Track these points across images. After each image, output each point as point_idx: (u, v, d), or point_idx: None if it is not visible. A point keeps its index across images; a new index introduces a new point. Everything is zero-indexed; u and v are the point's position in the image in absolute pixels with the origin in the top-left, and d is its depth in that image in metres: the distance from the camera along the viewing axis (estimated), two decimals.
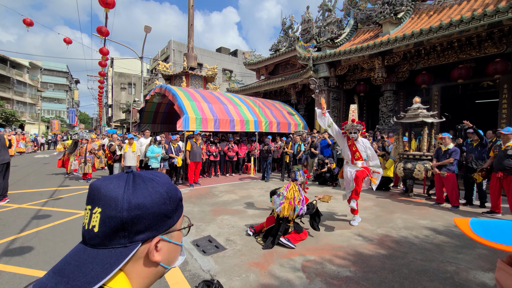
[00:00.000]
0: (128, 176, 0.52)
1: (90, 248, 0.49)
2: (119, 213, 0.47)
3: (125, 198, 0.48)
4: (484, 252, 3.48)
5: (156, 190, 0.52)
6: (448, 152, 5.65)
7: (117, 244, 0.49)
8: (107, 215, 0.47)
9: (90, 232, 0.49)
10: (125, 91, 35.13)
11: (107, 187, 0.49)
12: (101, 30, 6.70)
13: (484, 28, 7.54)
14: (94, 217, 0.48)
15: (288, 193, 3.78)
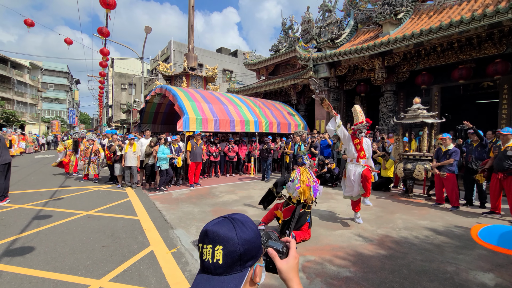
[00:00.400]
0: (231, 221, 0.69)
1: (216, 276, 0.65)
2: (237, 248, 0.65)
3: (238, 237, 0.66)
4: (484, 252, 3.49)
5: (252, 229, 0.70)
6: (448, 152, 5.66)
7: (235, 270, 0.66)
8: (228, 250, 0.64)
9: (215, 264, 0.65)
10: (125, 91, 35.16)
11: (223, 231, 0.66)
12: (102, 31, 6.72)
13: (484, 28, 7.55)
14: (217, 253, 0.64)
15: (302, 176, 3.84)
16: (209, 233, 0.66)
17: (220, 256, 0.64)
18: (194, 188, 7.71)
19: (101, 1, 5.15)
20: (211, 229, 0.66)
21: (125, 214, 5.16)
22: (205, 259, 0.65)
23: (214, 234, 0.66)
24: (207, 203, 6.02)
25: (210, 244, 0.65)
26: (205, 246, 0.66)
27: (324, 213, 5.28)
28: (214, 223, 0.69)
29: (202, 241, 0.67)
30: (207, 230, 0.67)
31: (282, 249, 0.77)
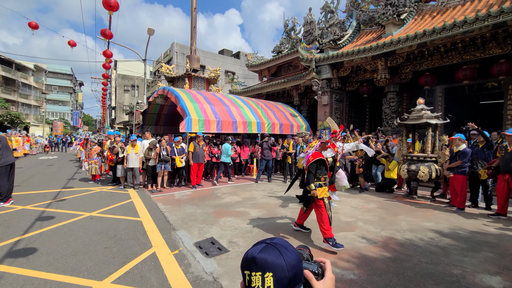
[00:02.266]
0: (275, 246, 0.70)
1: None
2: (287, 274, 0.66)
3: (287, 263, 0.67)
4: (490, 255, 3.43)
5: (295, 253, 0.71)
6: (458, 154, 5.59)
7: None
8: (279, 277, 0.66)
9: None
10: (128, 93, 35.34)
11: (271, 257, 0.67)
12: (105, 33, 6.76)
13: (488, 29, 7.48)
14: (267, 280, 0.65)
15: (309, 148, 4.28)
16: (258, 261, 0.67)
17: (271, 283, 0.65)
18: (197, 189, 7.70)
19: (104, 3, 5.18)
20: (259, 257, 0.67)
21: (128, 215, 5.16)
22: (254, 286, 0.66)
23: (263, 261, 0.66)
24: (210, 204, 6.00)
25: (259, 271, 0.66)
26: (253, 274, 0.67)
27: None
28: (259, 250, 0.69)
29: (249, 268, 0.68)
30: (255, 257, 0.67)
31: (317, 270, 0.76)
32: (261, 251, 0.68)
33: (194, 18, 15.27)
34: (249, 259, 0.68)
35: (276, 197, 6.74)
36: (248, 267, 0.68)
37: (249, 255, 0.69)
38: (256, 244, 0.73)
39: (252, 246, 0.73)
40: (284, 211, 5.44)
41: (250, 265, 0.67)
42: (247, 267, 0.68)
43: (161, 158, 7.40)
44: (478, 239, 3.96)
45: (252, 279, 0.66)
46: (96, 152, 8.35)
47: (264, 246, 0.70)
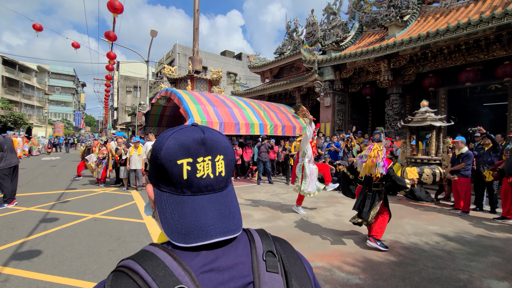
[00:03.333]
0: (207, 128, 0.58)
1: (220, 192, 0.56)
2: (233, 156, 0.58)
3: (230, 144, 0.58)
4: (497, 260, 3.40)
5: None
6: (461, 156, 5.56)
7: (230, 181, 0.60)
8: (229, 160, 0.56)
9: (218, 178, 0.55)
10: (130, 94, 35.48)
11: (221, 138, 0.57)
12: (109, 35, 6.78)
13: (492, 30, 7.46)
14: (218, 165, 0.54)
15: (372, 152, 3.73)
16: (207, 142, 0.54)
17: (222, 167, 0.55)
18: None
19: (108, 6, 5.20)
20: (208, 137, 0.54)
21: (131, 217, 5.16)
22: (202, 176, 0.53)
23: (213, 142, 0.54)
24: None
25: (208, 155, 0.54)
26: (199, 160, 0.53)
27: (331, 218, 5.21)
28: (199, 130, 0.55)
29: (193, 154, 0.52)
30: (204, 138, 0.53)
31: None
32: (206, 132, 0.55)
33: (196, 20, 15.30)
34: (193, 142, 0.53)
35: (278, 199, 6.72)
36: (188, 153, 0.52)
37: (190, 138, 0.53)
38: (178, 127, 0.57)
39: (167, 130, 0.57)
40: (287, 214, 5.42)
41: (196, 149, 0.52)
42: (188, 153, 0.52)
43: None
44: (484, 243, 3.93)
45: (197, 166, 0.52)
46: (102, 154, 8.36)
47: (199, 126, 0.57)
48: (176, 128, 0.56)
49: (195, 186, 0.53)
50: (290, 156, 8.97)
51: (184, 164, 0.51)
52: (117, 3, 5.16)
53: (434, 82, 9.71)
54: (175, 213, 0.51)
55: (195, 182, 0.52)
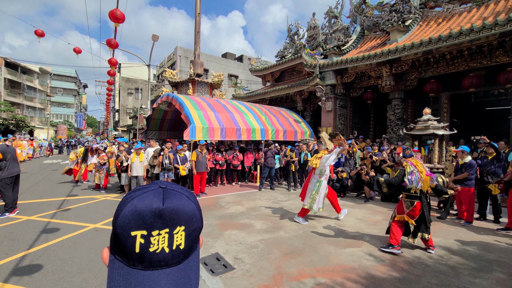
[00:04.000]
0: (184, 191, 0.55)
1: (175, 266, 0.51)
2: (200, 223, 0.55)
3: (198, 208, 0.55)
4: (502, 276, 3.36)
5: (191, 191, 0.59)
6: (464, 166, 5.52)
7: (193, 249, 0.55)
8: (192, 230, 0.52)
9: (175, 252, 0.51)
10: (132, 96, 35.54)
11: (182, 206, 0.52)
12: (111, 42, 6.79)
13: (495, 37, 7.41)
14: (177, 237, 0.51)
15: (419, 167, 3.97)
16: (166, 213, 0.49)
17: (182, 239, 0.50)
18: (200, 198, 7.67)
19: (110, 16, 5.19)
20: (168, 207, 0.50)
21: None
22: (155, 251, 0.49)
23: (173, 213, 0.50)
24: (214, 215, 5.97)
25: (166, 227, 0.49)
26: (154, 233, 0.48)
27: (332, 228, 5.18)
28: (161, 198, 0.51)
29: (148, 226, 0.48)
30: (161, 210, 0.49)
31: None
32: (167, 200, 0.50)
33: (198, 23, 15.31)
34: (149, 214, 0.48)
35: (280, 207, 6.69)
36: (143, 225, 0.48)
37: (147, 208, 0.48)
38: (142, 190, 0.52)
39: (132, 191, 0.53)
40: (288, 224, 5.39)
41: (151, 221, 0.48)
42: (143, 225, 0.48)
43: (163, 167, 7.40)
44: (489, 258, 3.89)
45: (151, 240, 0.48)
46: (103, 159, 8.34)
47: (163, 191, 0.52)
48: (140, 191, 0.53)
49: (147, 261, 0.49)
50: (291, 162, 8.94)
51: (137, 237, 0.48)
52: (119, 13, 5.16)
53: (436, 88, 9.65)
54: (121, 285, 0.48)
55: (147, 256, 0.49)
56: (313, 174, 5.64)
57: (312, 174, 5.68)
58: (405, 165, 4.13)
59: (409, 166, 4.06)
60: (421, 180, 3.90)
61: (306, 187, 5.69)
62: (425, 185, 3.92)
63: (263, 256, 3.90)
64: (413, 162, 4.09)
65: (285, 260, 3.77)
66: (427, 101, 10.80)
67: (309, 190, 5.52)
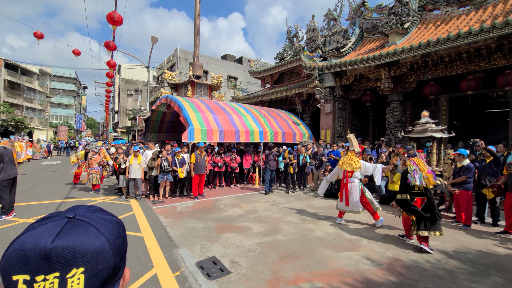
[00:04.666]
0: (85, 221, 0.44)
1: None
2: (111, 261, 0.44)
3: (111, 243, 0.44)
4: (499, 280, 3.34)
5: (115, 221, 0.49)
6: (462, 169, 5.51)
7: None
8: (98, 270, 0.42)
9: None
10: (131, 97, 35.55)
11: (86, 242, 0.42)
12: (109, 45, 6.79)
13: (493, 40, 7.42)
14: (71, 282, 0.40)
15: (421, 166, 4.23)
16: (54, 254, 0.40)
17: (81, 283, 0.41)
18: (199, 200, 7.65)
19: (108, 18, 5.20)
20: (59, 246, 0.41)
21: (129, 230, 5.12)
22: None
23: (67, 252, 0.41)
24: (212, 218, 5.96)
25: (54, 271, 0.40)
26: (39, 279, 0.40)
27: (330, 231, 5.16)
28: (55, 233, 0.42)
29: (34, 270, 0.40)
30: (48, 250, 0.40)
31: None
32: (61, 236, 0.42)
33: (197, 25, 15.34)
34: (33, 254, 0.40)
35: (278, 210, 6.68)
36: (26, 268, 0.40)
37: (33, 247, 0.40)
38: (42, 221, 0.44)
39: (36, 221, 0.45)
40: (286, 227, 5.38)
41: (36, 264, 0.40)
42: (26, 268, 0.40)
43: (162, 169, 7.38)
44: (486, 262, 3.88)
45: (34, 287, 0.39)
46: (97, 161, 8.30)
47: (66, 223, 0.44)
48: (39, 222, 0.45)
49: None
50: (290, 164, 8.93)
51: (19, 282, 0.39)
52: (117, 16, 5.15)
53: (435, 90, 9.66)
54: None
55: None
56: (350, 177, 5.60)
57: (349, 177, 5.61)
58: (408, 164, 4.34)
59: (411, 165, 4.29)
60: (424, 178, 4.13)
61: (347, 192, 5.58)
62: (428, 182, 4.14)
63: (260, 260, 3.88)
64: (415, 161, 4.30)
65: (282, 264, 3.75)
66: (426, 104, 10.81)
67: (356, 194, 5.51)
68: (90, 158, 8.33)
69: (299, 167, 9.36)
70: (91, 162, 8.25)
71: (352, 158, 5.61)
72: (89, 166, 8.26)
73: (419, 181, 4.15)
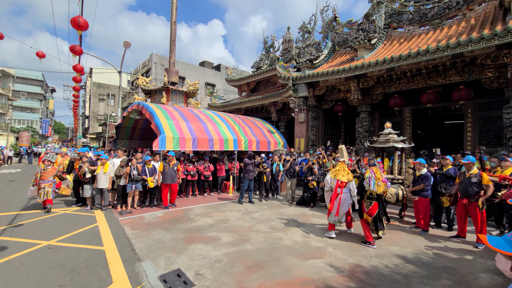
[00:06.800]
0: None
1: None
2: None
3: None
4: (448, 283, 3.58)
5: None
6: (420, 177, 5.87)
7: None
8: None
9: None
10: (103, 102, 34.11)
11: None
12: (74, 49, 6.47)
13: (448, 58, 8.11)
14: None
15: (377, 174, 4.95)
16: None
17: None
18: (169, 210, 7.45)
19: (72, 23, 4.96)
20: None
21: (90, 243, 4.86)
22: None
23: None
24: (181, 228, 5.82)
25: None
26: None
27: (298, 239, 5.25)
28: None
29: None
30: None
31: None
32: None
33: (173, 31, 15.21)
34: None
35: (249, 219, 6.68)
36: None
37: None
38: None
39: None
40: (256, 236, 5.39)
41: None
42: None
43: (131, 178, 7.13)
44: (438, 265, 4.14)
45: None
46: (52, 173, 7.23)
47: None
48: None
49: None
50: (263, 173, 9.01)
51: None
52: (82, 20, 4.94)
53: (399, 102, 10.31)
54: None
55: None
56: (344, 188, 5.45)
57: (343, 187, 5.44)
58: (367, 171, 5.09)
59: (368, 172, 5.03)
60: (377, 184, 4.88)
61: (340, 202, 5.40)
62: (380, 188, 4.91)
63: (226, 271, 3.85)
64: (373, 170, 5.05)
65: (248, 274, 3.75)
66: (392, 115, 11.48)
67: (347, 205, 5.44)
68: (43, 170, 7.08)
69: (272, 175, 9.46)
70: (44, 174, 7.05)
71: (345, 169, 5.56)
72: (40, 178, 7.01)
73: (372, 187, 4.86)
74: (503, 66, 7.74)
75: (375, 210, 4.96)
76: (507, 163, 5.54)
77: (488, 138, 9.27)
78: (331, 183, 5.64)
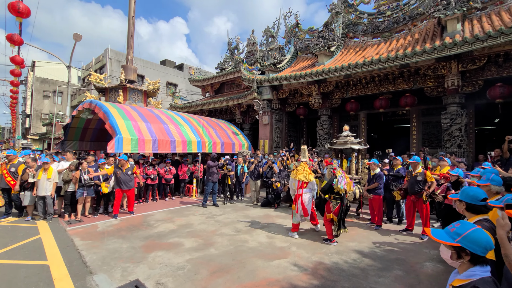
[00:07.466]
0: None
1: None
2: None
3: None
4: (399, 273, 3.89)
5: None
6: (374, 177, 6.33)
7: None
8: None
9: None
10: (48, 99, 30.69)
11: None
12: (13, 38, 5.63)
13: (396, 67, 8.92)
14: None
15: (345, 175, 5.34)
16: None
17: None
18: (126, 217, 6.93)
19: (10, 9, 4.27)
20: None
21: (31, 258, 4.29)
22: None
23: None
24: (139, 236, 5.45)
25: None
26: None
27: (263, 241, 5.27)
28: None
29: None
30: None
31: None
32: None
33: (131, 26, 14.33)
34: None
35: (214, 222, 6.53)
36: None
37: None
38: None
39: None
40: (220, 240, 5.28)
41: None
42: None
43: (82, 183, 6.49)
44: (391, 257, 4.48)
45: None
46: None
47: None
48: None
49: None
50: (228, 176, 8.91)
51: None
52: (22, 6, 4.29)
53: (354, 107, 11.04)
54: None
55: None
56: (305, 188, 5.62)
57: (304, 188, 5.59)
58: (338, 171, 5.31)
59: (339, 172, 5.30)
60: (346, 183, 5.23)
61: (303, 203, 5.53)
62: (348, 187, 5.29)
63: (189, 278, 3.69)
64: (340, 171, 5.37)
65: (212, 280, 3.64)
66: (349, 118, 12.25)
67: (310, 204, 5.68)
68: None
69: (237, 177, 9.41)
70: None
71: (305, 169, 5.68)
72: None
73: (342, 186, 5.08)
74: (441, 77, 8.75)
75: (338, 209, 5.13)
76: (444, 163, 6.24)
77: (430, 140, 10.39)
78: (293, 184, 5.73)
